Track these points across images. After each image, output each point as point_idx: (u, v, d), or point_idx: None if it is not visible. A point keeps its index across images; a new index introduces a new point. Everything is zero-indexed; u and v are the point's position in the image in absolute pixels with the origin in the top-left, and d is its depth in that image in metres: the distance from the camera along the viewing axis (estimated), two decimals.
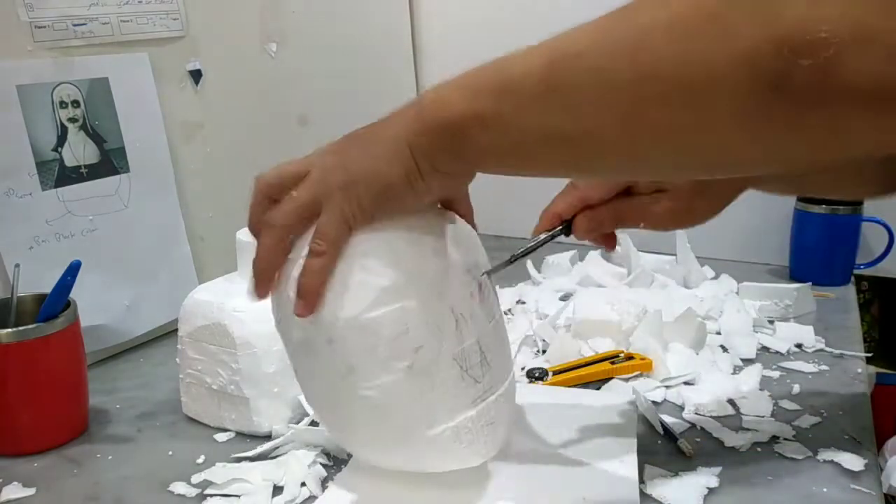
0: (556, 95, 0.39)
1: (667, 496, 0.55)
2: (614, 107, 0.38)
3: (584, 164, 0.43)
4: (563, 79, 0.39)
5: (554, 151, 0.41)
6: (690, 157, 0.39)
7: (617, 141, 0.39)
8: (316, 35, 1.09)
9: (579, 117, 0.39)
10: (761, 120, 0.35)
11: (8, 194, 0.74)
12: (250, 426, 0.66)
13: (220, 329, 0.65)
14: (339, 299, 0.46)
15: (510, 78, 0.41)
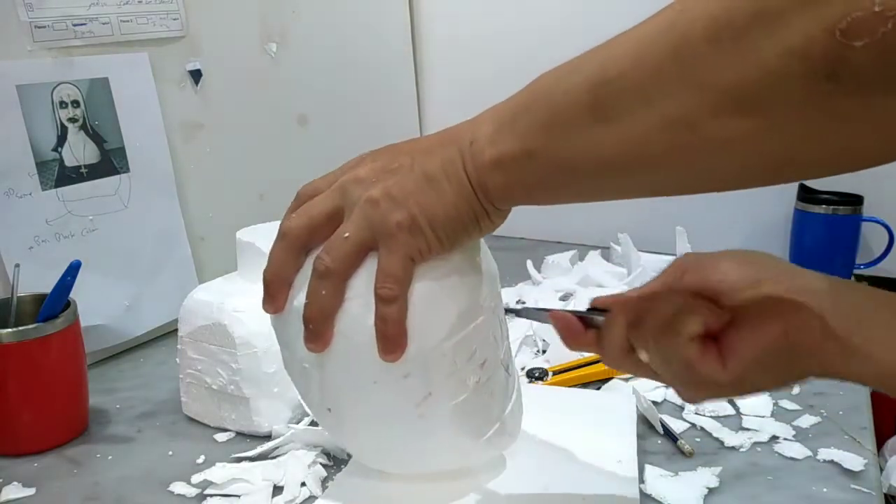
0: (604, 120, 0.38)
1: (667, 496, 0.55)
2: (666, 125, 0.36)
3: (638, 189, 0.41)
4: (609, 102, 0.37)
5: (608, 180, 0.40)
6: (754, 166, 0.37)
7: (673, 160, 0.37)
8: (316, 35, 1.09)
9: (630, 142, 0.37)
10: (824, 115, 0.33)
11: (8, 194, 0.74)
12: (250, 426, 0.66)
13: (220, 329, 0.65)
14: (417, 332, 0.45)
15: (556, 111, 0.40)
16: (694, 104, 0.34)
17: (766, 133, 0.34)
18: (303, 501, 0.57)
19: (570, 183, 0.41)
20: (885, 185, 1.02)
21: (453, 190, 0.43)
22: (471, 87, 1.27)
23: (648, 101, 0.36)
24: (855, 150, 0.35)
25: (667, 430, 0.64)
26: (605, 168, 0.39)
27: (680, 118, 0.35)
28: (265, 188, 1.02)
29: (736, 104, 0.33)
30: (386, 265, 0.44)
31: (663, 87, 0.35)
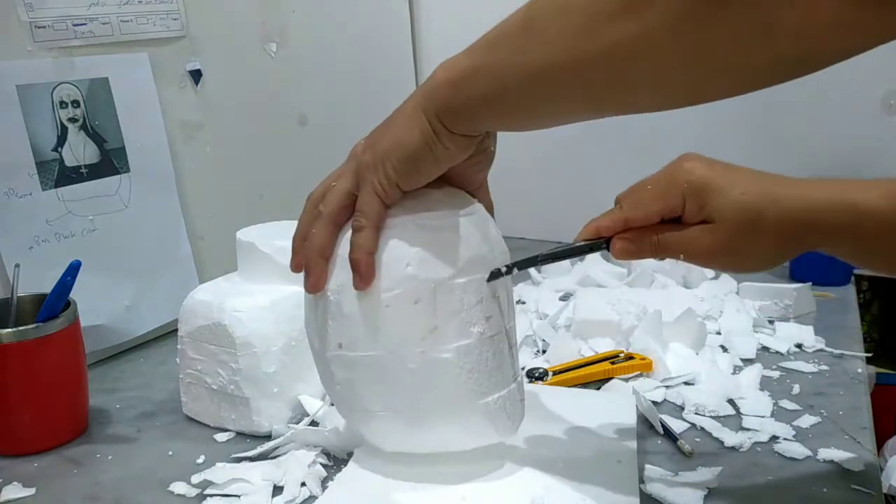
0: (531, 33, 0.42)
1: (667, 496, 0.55)
2: (575, 31, 0.40)
3: (567, 102, 0.44)
4: (535, 16, 0.42)
5: (536, 89, 0.43)
6: (639, 72, 0.40)
7: (581, 65, 0.41)
8: (316, 35, 1.09)
9: (550, 48, 0.41)
10: (694, 20, 0.36)
11: (8, 194, 0.74)
12: (250, 426, 0.66)
13: (220, 329, 0.65)
14: (430, 263, 0.50)
15: (499, 29, 0.44)
16: (593, 10, 0.39)
17: (649, 36, 0.38)
18: (303, 501, 0.57)
19: (505, 96, 0.44)
20: None
21: (406, 120, 0.48)
22: None
23: (564, 11, 0.40)
24: (721, 61, 0.38)
25: (667, 430, 0.64)
26: (533, 78, 0.42)
27: (583, 23, 0.39)
28: (265, 188, 1.02)
29: (624, 8, 0.38)
30: (358, 201, 0.50)
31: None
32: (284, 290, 0.67)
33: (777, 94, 1.14)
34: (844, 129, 1.03)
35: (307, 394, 0.68)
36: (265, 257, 0.68)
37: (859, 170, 1.02)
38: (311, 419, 0.66)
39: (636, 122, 1.15)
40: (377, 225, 0.50)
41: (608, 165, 1.18)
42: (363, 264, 0.50)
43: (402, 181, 0.49)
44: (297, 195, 1.10)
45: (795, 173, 1.10)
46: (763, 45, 0.36)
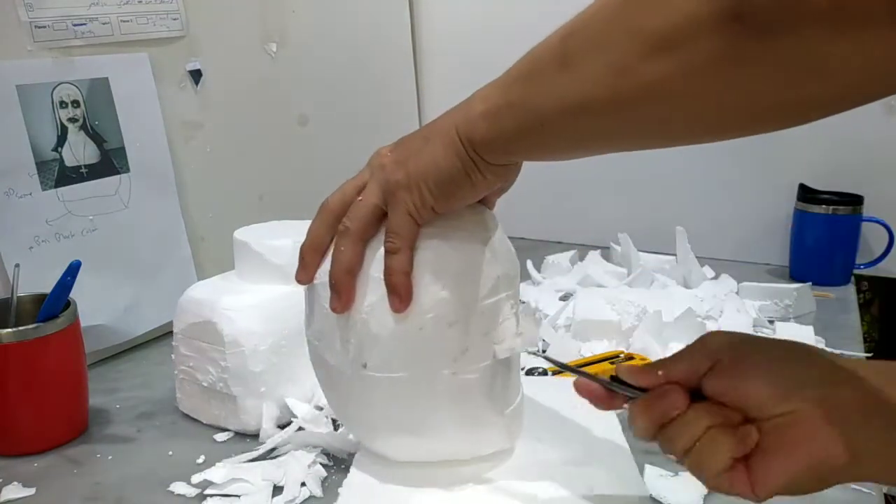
0: (566, 68, 0.40)
1: (667, 496, 0.55)
2: (610, 70, 0.38)
3: (601, 137, 0.43)
4: (570, 50, 0.40)
5: (572, 125, 0.42)
6: (679, 112, 0.38)
7: (618, 104, 0.39)
8: (316, 35, 1.09)
9: (585, 86, 0.40)
10: (734, 59, 0.34)
11: (8, 194, 0.74)
12: (238, 424, 0.66)
13: (210, 327, 0.65)
14: (465, 284, 0.50)
15: (533, 60, 0.43)
16: (628, 48, 0.37)
17: (687, 75, 0.36)
18: (303, 501, 0.57)
19: (541, 131, 0.43)
20: (885, 185, 1.02)
21: (443, 145, 0.47)
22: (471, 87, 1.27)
23: (599, 48, 0.39)
24: (769, 99, 0.36)
25: None
26: (569, 115, 0.41)
27: (618, 61, 0.38)
28: (265, 188, 1.02)
29: (659, 47, 0.36)
30: (390, 221, 0.49)
31: (610, 33, 0.38)
32: (276, 290, 0.67)
33: None
34: (845, 129, 1.03)
35: (295, 395, 0.68)
36: (259, 257, 0.68)
37: (859, 170, 1.02)
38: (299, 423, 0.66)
39: None
40: (412, 246, 0.49)
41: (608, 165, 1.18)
42: (402, 287, 0.49)
43: (438, 205, 0.48)
44: (297, 195, 1.10)
45: (795, 173, 1.11)
46: (813, 82, 0.34)
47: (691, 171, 1.13)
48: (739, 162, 1.09)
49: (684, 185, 1.14)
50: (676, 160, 1.13)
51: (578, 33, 0.40)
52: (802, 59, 0.33)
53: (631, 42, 0.37)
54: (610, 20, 0.38)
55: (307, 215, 0.76)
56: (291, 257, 0.67)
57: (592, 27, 0.40)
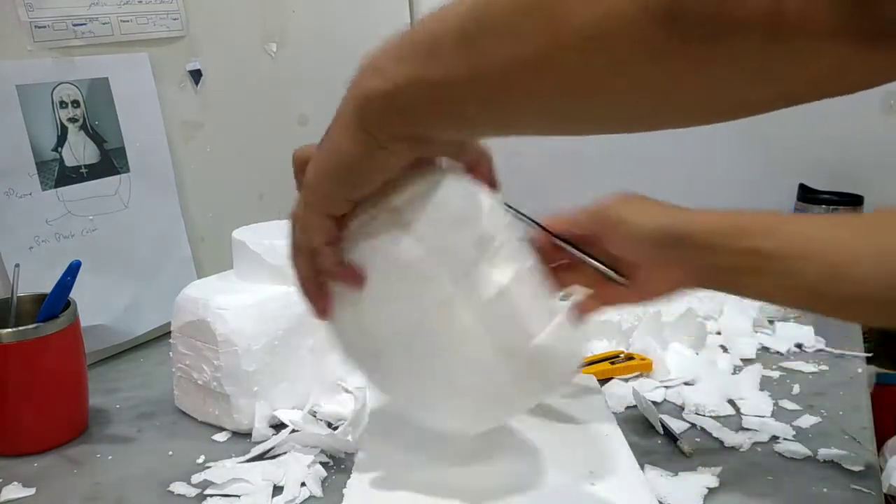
0: (475, 45, 0.38)
1: (667, 496, 0.55)
2: (532, 54, 0.36)
3: (510, 118, 0.41)
4: (477, 31, 0.38)
5: (480, 107, 0.40)
6: (607, 104, 0.37)
7: (536, 87, 0.37)
8: (316, 35, 1.09)
9: (497, 66, 0.37)
10: (664, 59, 0.33)
11: (8, 194, 0.74)
12: (231, 423, 0.67)
13: (204, 326, 0.65)
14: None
15: (435, 37, 0.40)
16: (550, 38, 0.35)
17: (614, 71, 0.34)
18: (303, 501, 0.57)
19: (453, 110, 0.41)
20: (885, 185, 1.02)
21: (339, 126, 0.44)
22: None
23: (512, 31, 0.36)
24: (696, 102, 0.35)
25: (667, 430, 0.64)
26: (475, 93, 0.39)
27: (545, 45, 0.35)
28: (265, 188, 1.02)
29: (593, 39, 0.34)
30: (305, 222, 0.47)
31: (527, 17, 0.36)
32: (272, 290, 0.67)
33: None
34: (845, 129, 1.03)
35: (289, 397, 0.68)
36: (255, 256, 0.68)
37: (859, 170, 1.02)
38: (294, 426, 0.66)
39: None
40: (332, 241, 0.48)
41: (608, 165, 1.18)
42: (341, 276, 0.48)
43: (344, 193, 0.46)
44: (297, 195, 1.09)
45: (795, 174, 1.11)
46: (746, 88, 0.33)
47: (691, 172, 1.13)
48: (739, 162, 1.09)
49: (684, 185, 1.14)
50: (677, 160, 1.14)
51: (488, 8, 0.37)
52: (735, 65, 0.32)
53: (551, 30, 0.35)
54: (527, 5, 0.36)
55: None
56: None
57: (505, 7, 0.37)
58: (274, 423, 0.67)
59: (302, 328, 0.68)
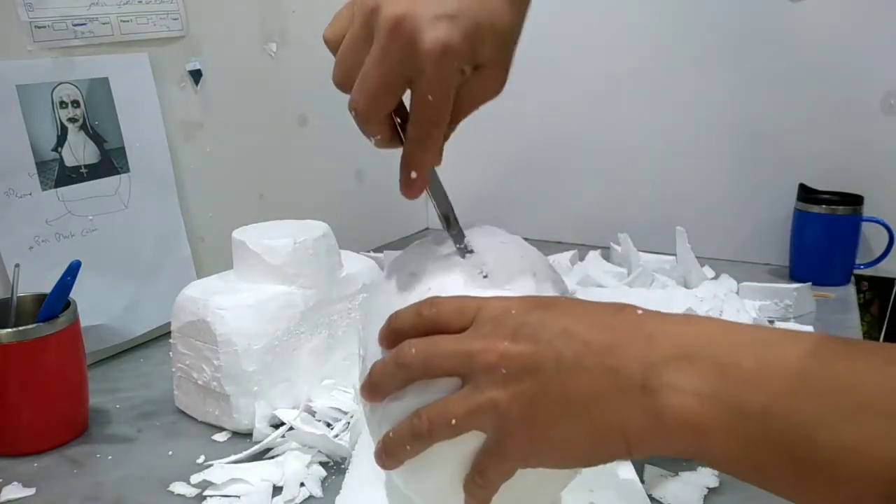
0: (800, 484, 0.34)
1: (667, 496, 0.55)
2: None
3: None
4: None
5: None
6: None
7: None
8: (316, 35, 1.08)
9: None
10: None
11: (8, 194, 0.74)
12: (231, 423, 0.67)
13: (204, 325, 0.65)
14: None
15: (806, 447, 0.33)
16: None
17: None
18: (302, 501, 0.57)
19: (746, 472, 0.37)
20: (885, 185, 1.02)
21: (595, 433, 0.37)
22: None
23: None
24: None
25: None
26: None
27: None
28: (265, 188, 1.02)
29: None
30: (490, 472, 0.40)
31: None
32: (271, 290, 0.67)
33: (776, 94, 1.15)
34: (845, 129, 1.03)
35: (288, 396, 0.68)
36: (255, 256, 0.68)
37: (859, 170, 1.02)
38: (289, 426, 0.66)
39: (634, 126, 1.16)
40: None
41: (609, 165, 1.18)
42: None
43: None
44: (297, 195, 1.10)
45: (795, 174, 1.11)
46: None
47: (691, 172, 1.13)
48: (739, 162, 1.09)
49: (684, 185, 1.14)
50: (677, 160, 1.14)
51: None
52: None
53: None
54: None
55: (307, 215, 0.76)
56: (288, 257, 0.68)
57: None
58: (274, 422, 0.67)
59: (302, 328, 0.68)
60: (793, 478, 0.34)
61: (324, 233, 0.71)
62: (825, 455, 0.32)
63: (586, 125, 1.19)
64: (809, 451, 0.33)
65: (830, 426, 0.32)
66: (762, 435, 0.34)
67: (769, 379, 0.34)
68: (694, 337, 0.37)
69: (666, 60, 1.11)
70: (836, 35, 1.00)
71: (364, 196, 1.19)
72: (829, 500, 0.33)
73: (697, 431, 0.35)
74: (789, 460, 0.33)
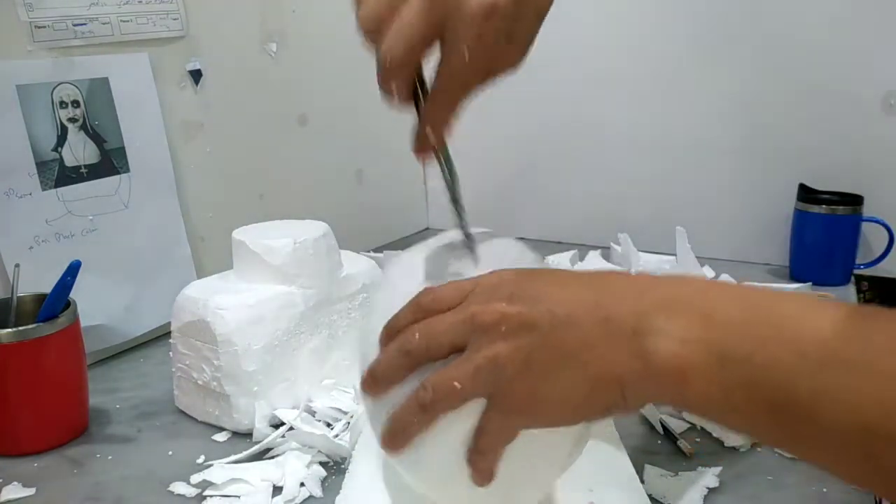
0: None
1: (667, 496, 0.55)
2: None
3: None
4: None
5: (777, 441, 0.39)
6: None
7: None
8: (316, 35, 1.09)
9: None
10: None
11: (8, 194, 0.74)
12: (231, 423, 0.67)
13: (203, 325, 0.65)
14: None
15: (786, 393, 0.34)
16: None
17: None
18: (302, 501, 0.57)
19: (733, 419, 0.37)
20: (885, 185, 1.02)
21: (591, 384, 0.39)
22: None
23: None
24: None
25: (667, 430, 0.64)
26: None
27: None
28: (265, 188, 1.02)
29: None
30: (486, 433, 0.41)
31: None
32: (271, 290, 0.67)
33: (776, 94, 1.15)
34: (844, 129, 1.03)
35: (288, 396, 0.68)
36: (255, 256, 0.68)
37: (859, 170, 1.02)
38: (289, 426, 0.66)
39: (634, 126, 1.16)
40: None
41: (609, 165, 1.18)
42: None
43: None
44: (297, 195, 1.10)
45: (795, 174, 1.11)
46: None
47: (691, 171, 1.13)
48: (739, 162, 1.09)
49: (684, 185, 1.14)
50: (677, 160, 1.14)
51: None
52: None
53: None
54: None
55: (307, 215, 0.76)
56: (288, 257, 0.68)
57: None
58: (274, 422, 0.67)
59: (302, 328, 0.69)
60: (773, 423, 0.35)
61: (324, 233, 0.71)
62: (803, 402, 0.33)
63: (586, 125, 1.19)
64: (788, 396, 0.34)
65: (809, 375, 0.33)
66: (743, 379, 0.35)
67: (753, 329, 0.35)
68: (684, 288, 0.39)
69: (666, 61, 1.11)
70: (836, 35, 1.00)
71: (364, 196, 1.19)
72: (813, 452, 0.35)
73: (681, 374, 0.36)
74: (769, 406, 0.34)
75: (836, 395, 0.32)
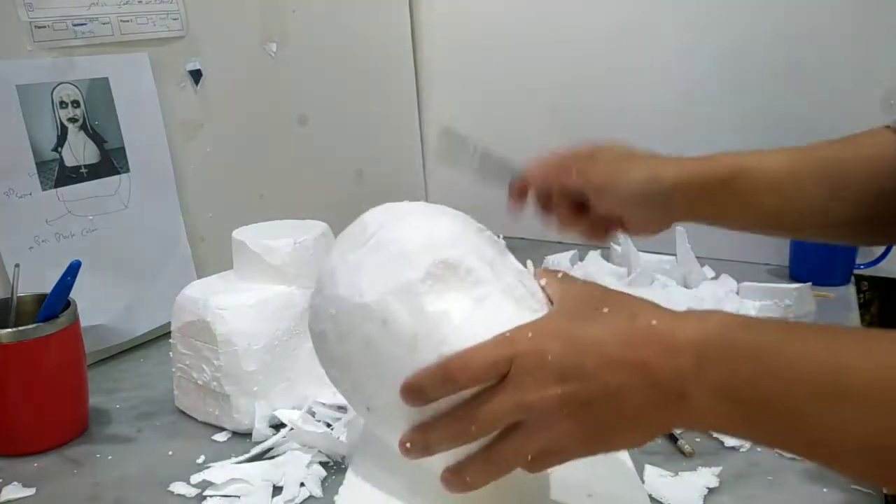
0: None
1: (667, 496, 0.55)
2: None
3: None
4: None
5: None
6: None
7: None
8: (316, 35, 1.09)
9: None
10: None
11: (8, 194, 0.74)
12: (231, 423, 0.67)
13: (203, 325, 0.65)
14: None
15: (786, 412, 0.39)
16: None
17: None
18: (302, 501, 0.57)
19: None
20: None
21: (643, 438, 0.45)
22: (470, 87, 1.27)
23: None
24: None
25: None
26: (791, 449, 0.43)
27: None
28: (265, 188, 1.02)
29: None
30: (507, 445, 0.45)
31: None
32: (271, 290, 0.67)
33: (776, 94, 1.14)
34: (844, 129, 1.03)
35: (288, 397, 0.68)
36: (255, 256, 0.68)
37: None
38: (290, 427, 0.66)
39: (635, 127, 1.16)
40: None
41: None
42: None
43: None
44: (297, 195, 1.10)
45: None
46: None
47: None
48: None
49: None
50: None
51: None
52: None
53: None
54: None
55: (307, 215, 0.76)
56: (288, 257, 0.68)
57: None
58: (274, 422, 0.67)
59: (302, 328, 0.68)
60: (790, 447, 0.42)
61: (323, 233, 0.71)
62: (810, 433, 0.38)
63: (586, 126, 1.19)
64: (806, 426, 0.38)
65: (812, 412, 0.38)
66: (773, 426, 0.40)
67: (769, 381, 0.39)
68: (707, 338, 0.41)
69: (666, 62, 1.11)
70: (836, 34, 1.00)
71: (364, 196, 1.18)
72: (825, 460, 0.40)
73: (720, 429, 0.44)
74: (791, 438, 0.40)
75: (839, 431, 0.37)
